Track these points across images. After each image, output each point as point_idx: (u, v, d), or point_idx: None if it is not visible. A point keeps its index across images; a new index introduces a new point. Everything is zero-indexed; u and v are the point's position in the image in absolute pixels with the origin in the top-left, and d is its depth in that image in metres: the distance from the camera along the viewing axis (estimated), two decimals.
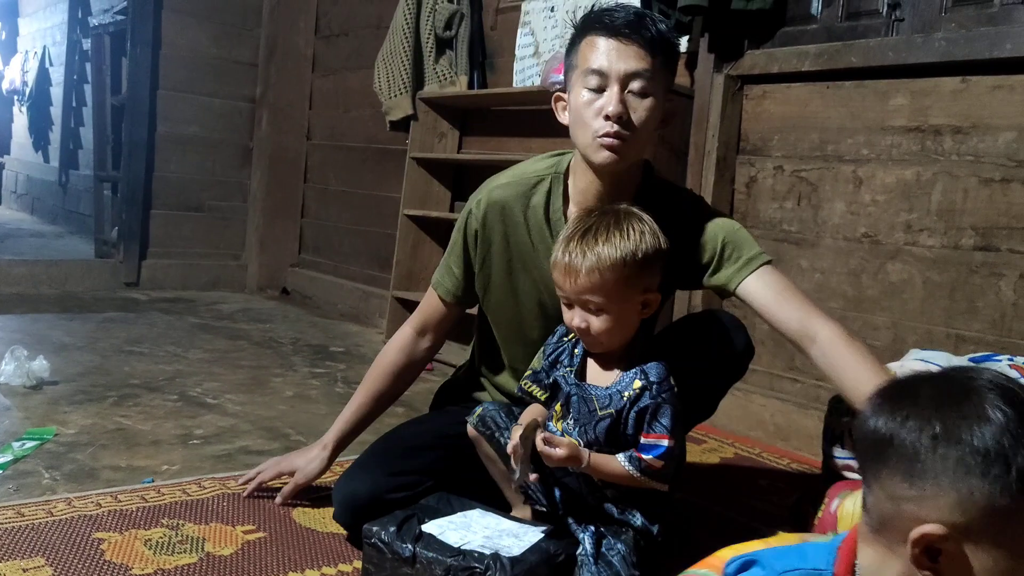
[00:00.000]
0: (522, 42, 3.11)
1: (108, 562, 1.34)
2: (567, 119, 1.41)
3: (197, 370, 2.65)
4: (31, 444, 1.84)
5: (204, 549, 1.41)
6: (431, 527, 1.30)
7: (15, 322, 3.14)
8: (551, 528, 1.33)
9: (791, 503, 1.69)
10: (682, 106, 2.45)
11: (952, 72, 2.04)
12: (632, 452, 1.27)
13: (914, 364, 1.55)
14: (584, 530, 1.32)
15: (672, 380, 1.29)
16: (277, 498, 1.62)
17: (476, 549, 1.24)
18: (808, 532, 1.39)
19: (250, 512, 1.58)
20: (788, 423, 2.29)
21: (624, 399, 1.27)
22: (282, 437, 2.07)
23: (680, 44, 1.64)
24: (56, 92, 6.14)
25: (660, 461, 1.25)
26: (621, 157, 1.34)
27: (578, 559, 1.29)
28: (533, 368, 1.42)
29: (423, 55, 3.33)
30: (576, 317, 1.29)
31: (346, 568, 1.39)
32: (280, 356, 2.99)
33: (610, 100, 1.31)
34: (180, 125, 4.20)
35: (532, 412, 1.38)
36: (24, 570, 1.28)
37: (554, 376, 1.37)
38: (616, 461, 1.27)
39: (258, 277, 4.42)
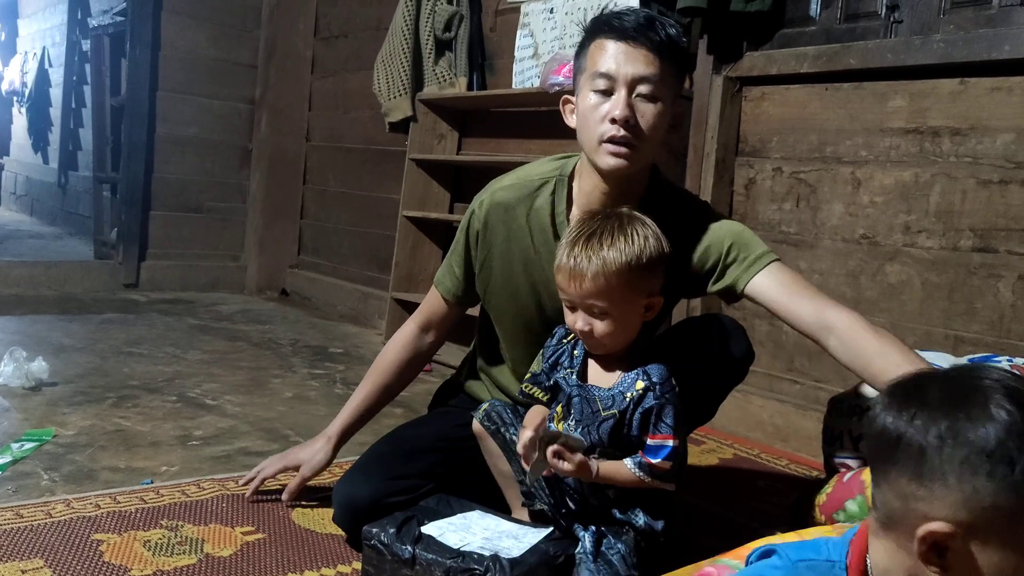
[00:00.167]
0: (521, 43, 3.11)
1: (107, 563, 1.34)
2: (574, 122, 1.40)
3: (196, 371, 2.65)
4: (30, 445, 1.84)
5: (203, 550, 1.41)
6: (431, 529, 1.30)
7: (14, 323, 3.14)
8: (551, 529, 1.33)
9: (790, 504, 1.69)
10: (682, 108, 2.45)
11: (951, 74, 2.04)
12: (640, 458, 1.26)
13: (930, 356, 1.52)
14: (584, 529, 1.31)
15: (674, 380, 1.29)
16: (284, 494, 1.63)
17: (476, 551, 1.24)
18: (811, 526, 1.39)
19: (249, 513, 1.58)
20: (787, 424, 2.29)
21: (627, 400, 1.27)
22: (281, 438, 2.07)
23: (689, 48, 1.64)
24: (55, 93, 6.14)
25: (668, 462, 1.25)
26: (630, 163, 1.33)
27: (577, 558, 1.28)
28: (533, 371, 1.42)
29: (422, 57, 3.34)
30: (579, 320, 1.28)
31: (345, 569, 1.39)
32: (279, 357, 2.99)
33: (617, 104, 1.30)
34: (179, 126, 4.20)
35: (535, 412, 1.38)
36: (23, 571, 1.28)
37: (555, 378, 1.37)
38: (625, 468, 1.26)
39: (257, 278, 4.41)
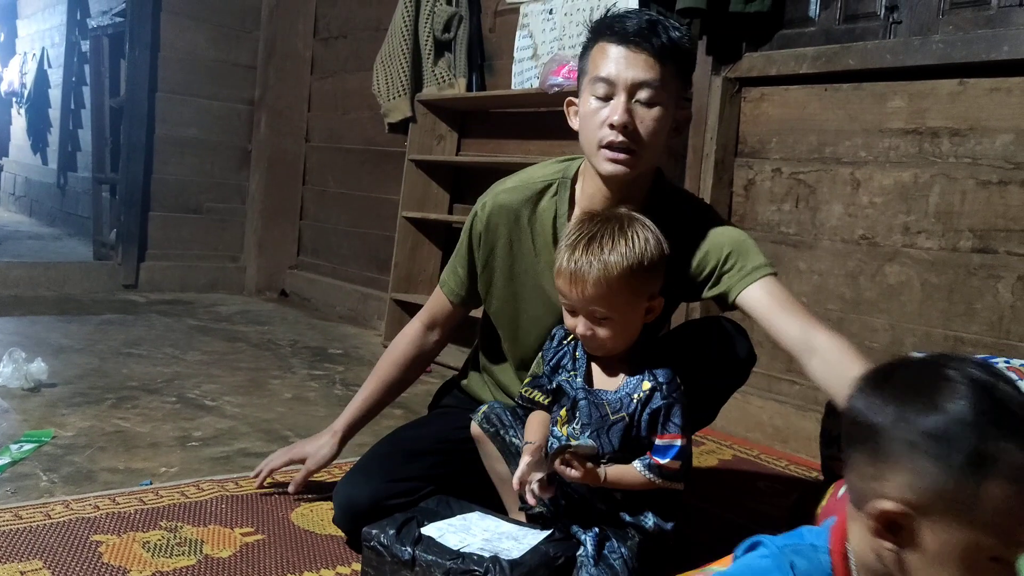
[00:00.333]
0: (520, 44, 3.11)
1: (106, 565, 1.33)
2: (577, 124, 1.39)
3: (195, 372, 2.65)
4: (29, 446, 1.84)
5: (202, 551, 1.41)
6: (430, 530, 1.30)
7: (13, 324, 3.13)
8: (551, 531, 1.33)
9: (790, 505, 1.69)
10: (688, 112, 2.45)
11: (950, 74, 2.04)
12: (649, 459, 1.26)
13: None
14: (587, 532, 1.31)
15: (679, 379, 1.29)
16: (290, 487, 1.65)
17: (475, 552, 1.24)
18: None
19: (248, 514, 1.58)
20: (787, 425, 2.29)
21: (634, 402, 1.27)
22: (280, 439, 2.07)
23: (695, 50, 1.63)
24: (55, 94, 6.14)
25: (677, 462, 1.25)
26: (630, 169, 1.32)
27: (578, 560, 1.28)
28: (534, 374, 1.42)
29: (422, 57, 3.34)
30: (580, 325, 1.28)
31: (344, 571, 1.39)
32: (278, 358, 2.99)
33: (616, 109, 1.29)
34: (179, 127, 4.20)
35: (536, 420, 1.37)
36: (22, 573, 1.28)
37: (557, 381, 1.36)
38: (633, 470, 1.26)
39: (256, 279, 4.41)
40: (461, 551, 1.24)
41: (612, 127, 1.30)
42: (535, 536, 1.30)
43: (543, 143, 3.02)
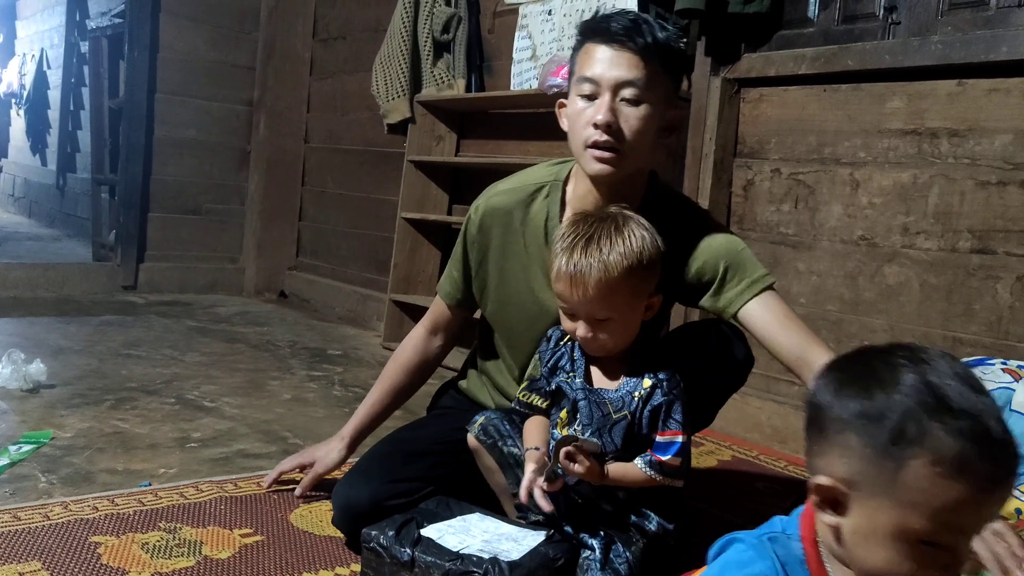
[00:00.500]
0: (519, 45, 3.11)
1: (105, 566, 1.33)
2: (567, 125, 1.40)
3: (194, 373, 2.64)
4: (28, 448, 1.84)
5: (201, 552, 1.41)
6: (430, 531, 1.30)
7: (12, 325, 3.13)
8: (551, 532, 1.33)
9: (789, 505, 1.68)
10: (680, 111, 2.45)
11: (948, 75, 2.04)
12: (650, 456, 1.25)
13: None
14: (593, 536, 1.30)
15: (678, 376, 1.29)
16: (297, 489, 1.67)
17: (475, 553, 1.24)
18: None
19: (248, 515, 1.58)
20: (785, 426, 2.29)
21: (636, 399, 1.26)
22: (280, 440, 2.07)
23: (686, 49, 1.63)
24: (54, 95, 6.14)
25: (678, 458, 1.25)
26: (615, 168, 1.32)
27: (584, 563, 1.27)
28: (532, 376, 1.41)
29: (421, 58, 3.34)
30: (581, 328, 1.27)
31: (344, 572, 1.39)
32: (278, 359, 2.99)
33: (599, 108, 1.30)
34: (178, 128, 4.20)
35: (535, 425, 1.36)
36: (20, 574, 1.28)
37: (556, 382, 1.35)
38: (635, 468, 1.26)
39: (255, 280, 4.41)
40: (460, 552, 1.24)
41: (596, 126, 1.30)
42: (535, 537, 1.30)
43: (542, 144, 3.02)
